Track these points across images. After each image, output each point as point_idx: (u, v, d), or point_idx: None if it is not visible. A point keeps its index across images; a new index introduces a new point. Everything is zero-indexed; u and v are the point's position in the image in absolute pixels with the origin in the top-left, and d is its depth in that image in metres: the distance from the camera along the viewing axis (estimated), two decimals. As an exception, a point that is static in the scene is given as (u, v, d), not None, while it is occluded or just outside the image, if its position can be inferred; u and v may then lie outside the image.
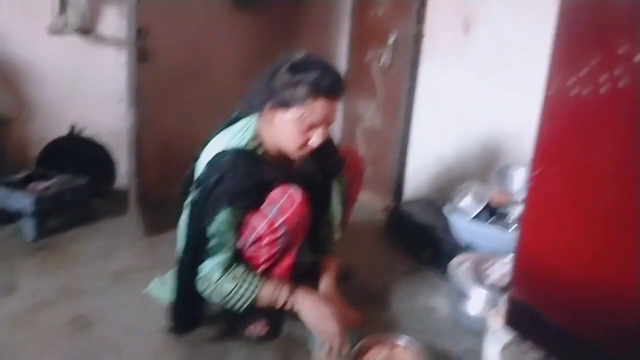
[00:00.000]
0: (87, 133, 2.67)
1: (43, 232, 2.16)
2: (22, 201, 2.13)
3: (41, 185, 2.24)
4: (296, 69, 1.43)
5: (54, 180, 2.30)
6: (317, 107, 1.44)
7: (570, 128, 1.19)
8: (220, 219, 1.42)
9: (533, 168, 1.30)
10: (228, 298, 1.45)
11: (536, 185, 1.29)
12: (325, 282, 1.66)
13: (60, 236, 2.20)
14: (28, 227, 2.13)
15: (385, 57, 2.80)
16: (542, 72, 1.27)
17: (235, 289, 1.45)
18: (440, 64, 2.60)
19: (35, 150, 2.55)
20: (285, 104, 1.44)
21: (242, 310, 1.48)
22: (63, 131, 2.61)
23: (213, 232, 1.44)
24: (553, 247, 1.27)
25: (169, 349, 1.53)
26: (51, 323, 1.60)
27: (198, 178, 1.51)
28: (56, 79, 2.56)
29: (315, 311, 1.49)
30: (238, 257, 1.51)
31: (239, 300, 1.46)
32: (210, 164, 1.48)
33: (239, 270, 1.47)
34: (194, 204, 1.49)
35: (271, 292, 1.48)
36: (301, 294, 1.51)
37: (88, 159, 2.62)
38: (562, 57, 1.18)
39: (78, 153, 2.61)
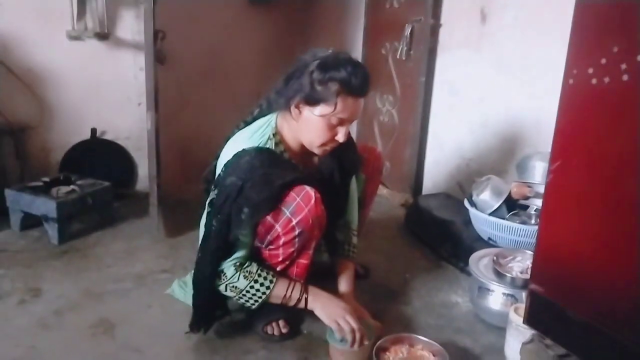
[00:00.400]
0: (108, 137, 2.71)
1: (67, 235, 2.20)
2: (46, 206, 2.17)
3: (64, 189, 2.28)
4: (327, 66, 1.43)
5: (76, 184, 2.34)
6: (347, 104, 1.44)
7: (591, 118, 1.17)
8: (240, 225, 1.44)
9: (552, 160, 1.27)
10: (241, 295, 1.48)
11: (556, 177, 1.27)
12: (345, 287, 1.68)
13: (84, 239, 2.24)
14: (52, 231, 2.17)
15: (401, 50, 2.78)
16: (561, 61, 1.24)
17: (249, 286, 1.47)
18: (458, 55, 2.57)
19: (58, 155, 2.61)
20: (315, 101, 1.45)
21: (255, 307, 1.51)
22: (84, 135, 2.65)
23: (232, 234, 1.45)
24: (575, 240, 1.24)
25: (191, 349, 1.55)
26: (76, 326, 1.63)
27: (217, 179, 1.52)
28: (76, 84, 2.60)
29: (329, 307, 1.51)
30: (255, 257, 1.52)
31: (252, 297, 1.49)
32: (229, 165, 1.49)
33: (253, 267, 1.49)
34: (212, 204, 1.50)
35: (284, 290, 1.50)
36: (314, 292, 1.53)
37: (109, 162, 2.67)
38: (581, 45, 1.15)
39: (99, 157, 2.65)
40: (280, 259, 1.53)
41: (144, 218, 2.41)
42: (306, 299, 1.52)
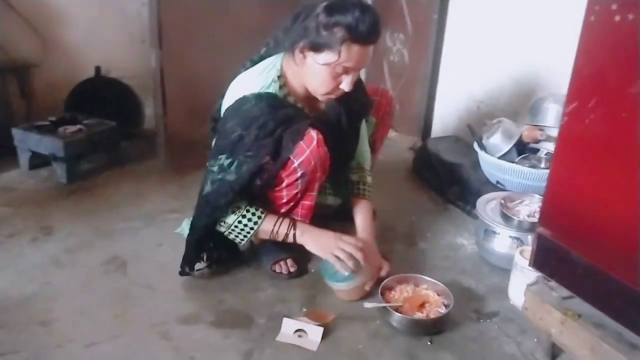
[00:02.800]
0: (113, 75, 2.67)
1: (75, 175, 2.21)
2: (53, 145, 2.17)
3: (71, 129, 2.27)
4: (333, 9, 1.36)
5: (83, 123, 2.33)
6: (352, 53, 1.39)
7: (612, 58, 1.12)
8: (238, 172, 1.45)
9: (567, 102, 1.24)
10: (230, 230, 1.52)
11: (570, 120, 1.24)
12: (362, 226, 1.67)
13: (92, 179, 2.25)
14: (61, 170, 2.18)
15: (414, -16, 2.67)
16: (581, -3, 1.18)
17: (237, 221, 1.50)
18: (473, -8, 2.47)
19: (63, 93, 2.57)
20: (319, 47, 1.39)
21: (244, 243, 1.54)
22: (89, 73, 2.61)
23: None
24: (586, 184, 1.23)
25: (201, 287, 1.59)
26: (88, 263, 1.67)
27: (220, 122, 1.51)
28: (78, 20, 2.54)
29: (320, 240, 1.52)
30: (259, 198, 1.53)
31: (240, 232, 1.52)
32: (230, 109, 1.47)
33: (242, 203, 1.50)
34: (215, 149, 1.51)
35: (272, 225, 1.51)
36: (303, 227, 1.54)
37: (114, 101, 2.63)
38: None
39: (104, 95, 2.62)
40: (284, 200, 1.54)
41: (151, 158, 2.41)
42: (294, 235, 1.53)
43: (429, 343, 1.38)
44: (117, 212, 1.99)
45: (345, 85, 1.46)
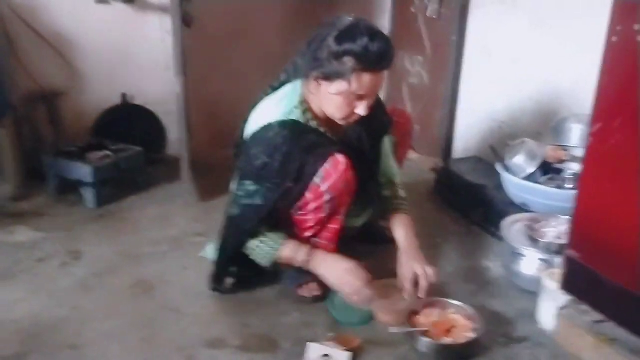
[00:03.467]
0: (138, 101, 2.73)
1: (102, 200, 2.25)
2: (81, 171, 2.22)
3: (98, 154, 2.32)
4: (342, 38, 1.37)
5: (110, 149, 2.38)
6: (364, 81, 1.40)
7: (635, 78, 1.12)
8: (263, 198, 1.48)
9: (592, 123, 1.24)
10: (252, 254, 1.54)
11: (595, 141, 1.24)
12: (404, 239, 1.63)
13: (119, 204, 2.29)
14: (88, 195, 2.23)
15: (432, 8, 2.69)
16: (603, 17, 1.18)
17: (256, 245, 1.52)
18: (492, 13, 2.48)
19: (90, 120, 2.63)
20: (330, 77, 1.41)
21: (266, 265, 1.56)
22: (115, 100, 2.67)
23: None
24: (613, 206, 1.22)
25: (226, 311, 1.60)
26: (116, 287, 1.69)
27: (244, 147, 1.54)
28: (105, 49, 2.61)
29: (334, 270, 1.51)
30: (285, 222, 1.55)
31: (261, 256, 1.54)
32: (255, 137, 1.50)
33: (262, 229, 1.53)
34: (238, 170, 1.55)
35: (290, 251, 1.52)
36: (320, 255, 1.54)
37: (140, 127, 2.69)
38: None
39: (130, 121, 2.67)
40: (310, 224, 1.54)
41: (176, 182, 2.44)
42: (311, 262, 1.52)
43: (458, 368, 1.36)
44: (143, 236, 2.02)
45: (361, 110, 1.46)
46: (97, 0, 2.51)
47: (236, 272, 1.66)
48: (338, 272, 1.51)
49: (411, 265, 1.56)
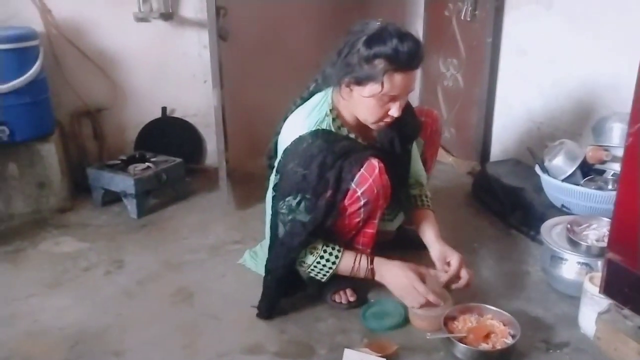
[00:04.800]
0: (177, 114, 2.81)
1: (144, 210, 2.33)
2: (124, 183, 2.30)
3: (140, 167, 2.41)
4: (372, 41, 1.39)
5: (151, 161, 2.46)
6: (396, 81, 1.41)
7: (676, 75, 1.09)
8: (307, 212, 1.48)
9: (631, 122, 1.21)
10: (310, 269, 1.53)
11: (635, 140, 1.21)
12: (429, 234, 1.66)
13: (160, 213, 2.36)
14: (131, 206, 2.31)
15: (466, 10, 2.67)
16: (640, 13, 1.15)
17: (315, 262, 1.51)
18: (527, 13, 2.44)
19: (132, 133, 2.74)
20: (362, 81, 1.43)
21: (325, 279, 1.55)
22: (156, 114, 2.77)
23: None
24: (656, 207, 1.18)
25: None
26: (157, 295, 1.74)
27: (278, 163, 1.56)
28: (145, 64, 2.70)
29: (398, 279, 1.51)
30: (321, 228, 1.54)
31: (320, 271, 1.53)
32: (288, 152, 1.52)
33: (318, 244, 1.51)
34: (276, 189, 1.56)
35: (351, 262, 1.52)
36: (381, 264, 1.54)
37: (179, 139, 2.77)
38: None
39: (170, 134, 2.76)
40: (346, 229, 1.55)
41: (214, 192, 2.50)
42: (372, 270, 1.53)
43: (496, 375, 1.34)
44: (183, 244, 2.08)
45: (394, 111, 1.48)
46: (137, 18, 2.61)
47: (286, 293, 1.63)
48: (403, 280, 1.50)
49: (444, 249, 1.60)
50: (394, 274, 1.52)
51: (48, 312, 1.66)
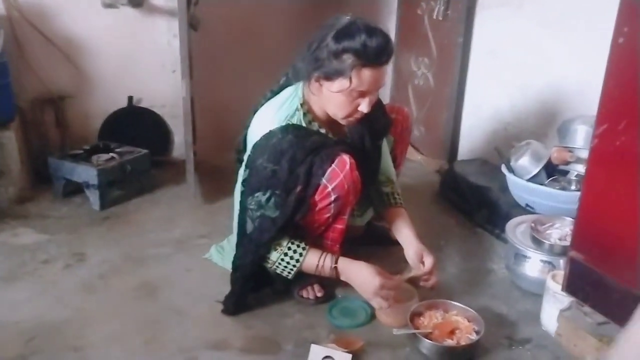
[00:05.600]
0: (144, 104, 2.75)
1: (107, 202, 2.27)
2: (87, 173, 2.24)
3: (104, 157, 2.34)
4: (340, 36, 1.39)
5: (115, 152, 2.40)
6: (364, 77, 1.40)
7: (640, 79, 1.12)
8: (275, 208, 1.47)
9: (597, 124, 1.23)
10: (275, 266, 1.52)
11: (600, 142, 1.23)
12: (404, 232, 1.67)
13: (124, 206, 2.30)
14: (93, 197, 2.24)
15: (438, 9, 2.68)
16: (609, 19, 1.18)
17: (279, 259, 1.50)
18: (498, 15, 2.47)
19: (96, 122, 2.66)
20: (331, 76, 1.42)
21: (290, 277, 1.53)
22: (121, 103, 2.69)
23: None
24: (618, 208, 1.21)
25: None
26: (120, 289, 1.70)
27: (247, 158, 1.54)
28: (112, 52, 2.62)
29: (364, 280, 1.50)
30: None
31: (285, 268, 1.51)
32: (258, 146, 1.50)
33: (283, 241, 1.50)
34: (245, 184, 1.53)
35: (315, 262, 1.51)
36: (346, 264, 1.53)
37: (145, 130, 2.71)
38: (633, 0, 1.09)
39: (136, 124, 2.69)
40: (316, 224, 1.54)
41: (181, 185, 2.45)
42: (336, 269, 1.52)
43: (460, 370, 1.35)
44: (147, 238, 2.03)
45: (364, 107, 1.47)
46: (104, 4, 2.53)
47: (253, 289, 1.61)
48: (365, 277, 1.49)
49: (421, 248, 1.60)
50: (359, 276, 1.51)
51: (3, 306, 1.59)
